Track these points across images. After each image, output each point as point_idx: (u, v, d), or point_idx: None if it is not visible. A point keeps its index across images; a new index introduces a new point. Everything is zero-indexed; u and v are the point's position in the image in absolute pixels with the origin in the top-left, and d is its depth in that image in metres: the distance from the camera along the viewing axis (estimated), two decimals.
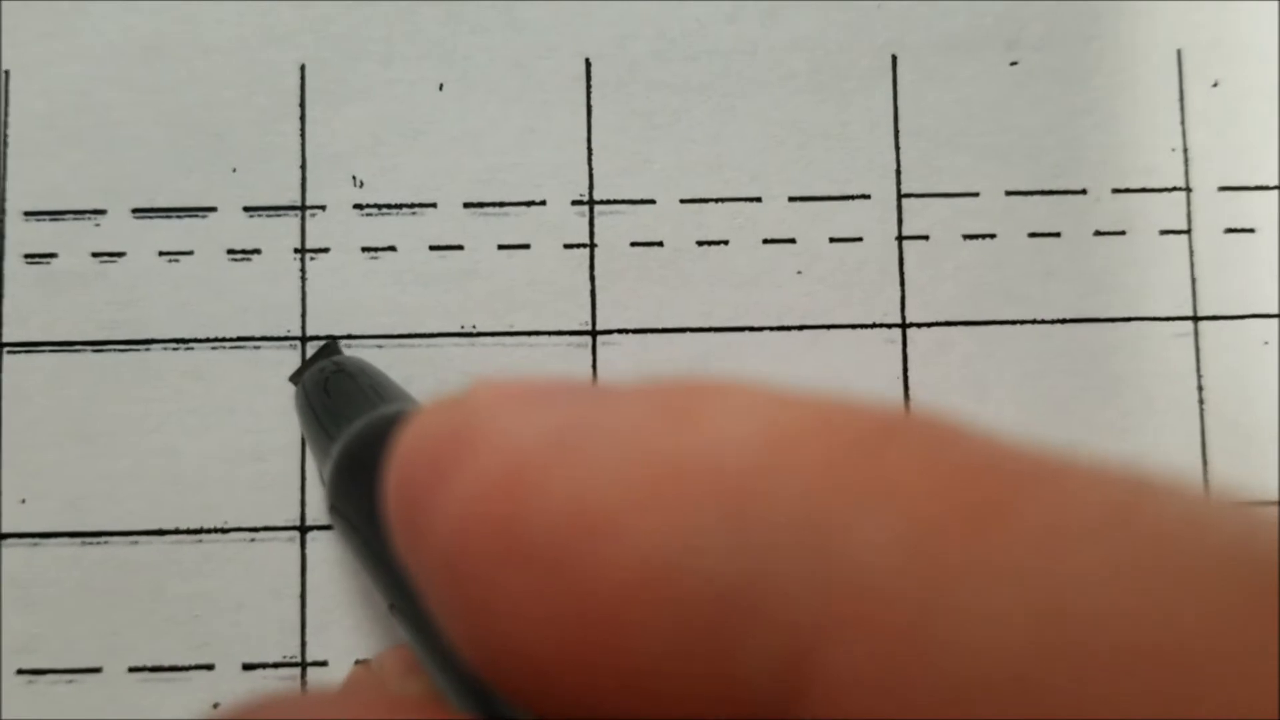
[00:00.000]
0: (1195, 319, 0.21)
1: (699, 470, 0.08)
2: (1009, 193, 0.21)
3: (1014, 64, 0.22)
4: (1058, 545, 0.07)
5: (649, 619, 0.08)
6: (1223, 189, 0.21)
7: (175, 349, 0.21)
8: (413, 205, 0.21)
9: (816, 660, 0.07)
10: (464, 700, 0.11)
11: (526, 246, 0.21)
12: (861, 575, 0.07)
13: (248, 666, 0.20)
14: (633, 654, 0.08)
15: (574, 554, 0.08)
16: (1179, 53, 0.22)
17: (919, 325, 0.21)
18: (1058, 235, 0.21)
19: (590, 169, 0.21)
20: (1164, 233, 0.21)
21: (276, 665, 0.20)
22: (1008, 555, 0.07)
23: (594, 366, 0.21)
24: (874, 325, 0.21)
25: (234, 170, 0.21)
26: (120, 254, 0.21)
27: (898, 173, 0.21)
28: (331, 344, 0.21)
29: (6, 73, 0.21)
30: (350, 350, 0.21)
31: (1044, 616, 0.06)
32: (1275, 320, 0.21)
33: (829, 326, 0.21)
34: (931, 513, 0.07)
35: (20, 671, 0.20)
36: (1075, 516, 0.07)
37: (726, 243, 0.21)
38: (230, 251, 0.21)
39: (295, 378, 0.21)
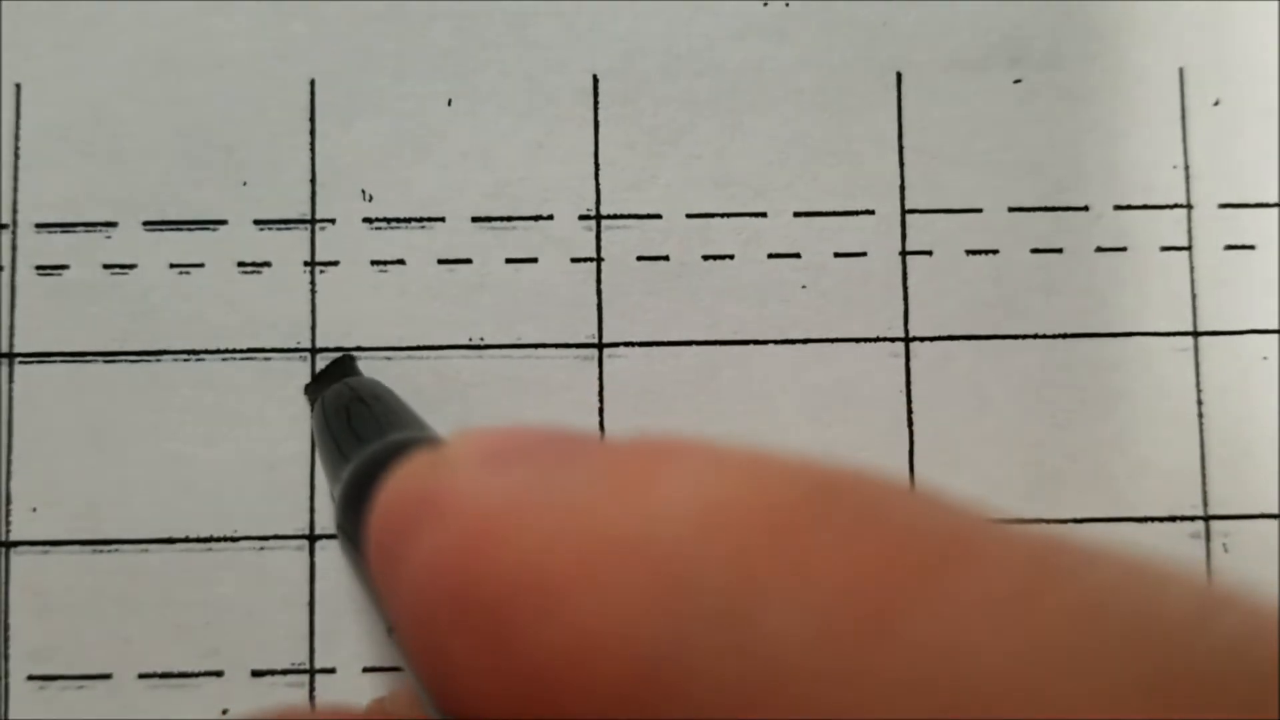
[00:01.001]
0: (1195, 334, 0.21)
1: (638, 543, 0.08)
2: (1012, 209, 0.22)
3: (1017, 82, 0.22)
4: (971, 622, 0.07)
5: (578, 689, 0.08)
6: (1223, 206, 0.22)
7: (186, 360, 0.21)
8: (422, 219, 0.21)
9: None
10: None
11: (534, 260, 0.21)
12: (777, 654, 0.07)
13: (257, 673, 0.20)
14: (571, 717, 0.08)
15: (518, 620, 0.08)
16: (1181, 71, 0.22)
17: (922, 339, 0.21)
18: (1060, 251, 0.21)
19: (597, 184, 0.21)
20: (1165, 249, 0.22)
21: (285, 672, 0.20)
22: (920, 633, 0.07)
23: (600, 379, 0.21)
24: (878, 339, 0.21)
25: (245, 183, 0.21)
26: (131, 266, 0.21)
27: (902, 189, 0.22)
28: (347, 359, 0.21)
29: (19, 85, 0.21)
30: (360, 362, 0.21)
31: (955, 698, 0.06)
32: (1274, 336, 0.21)
33: (833, 340, 0.21)
34: (848, 586, 0.07)
35: (31, 677, 0.20)
36: (989, 591, 0.07)
37: (732, 257, 0.21)
38: (241, 264, 0.21)
39: (311, 391, 0.21)
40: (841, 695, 0.07)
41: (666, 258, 0.21)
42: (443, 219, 0.21)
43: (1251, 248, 0.22)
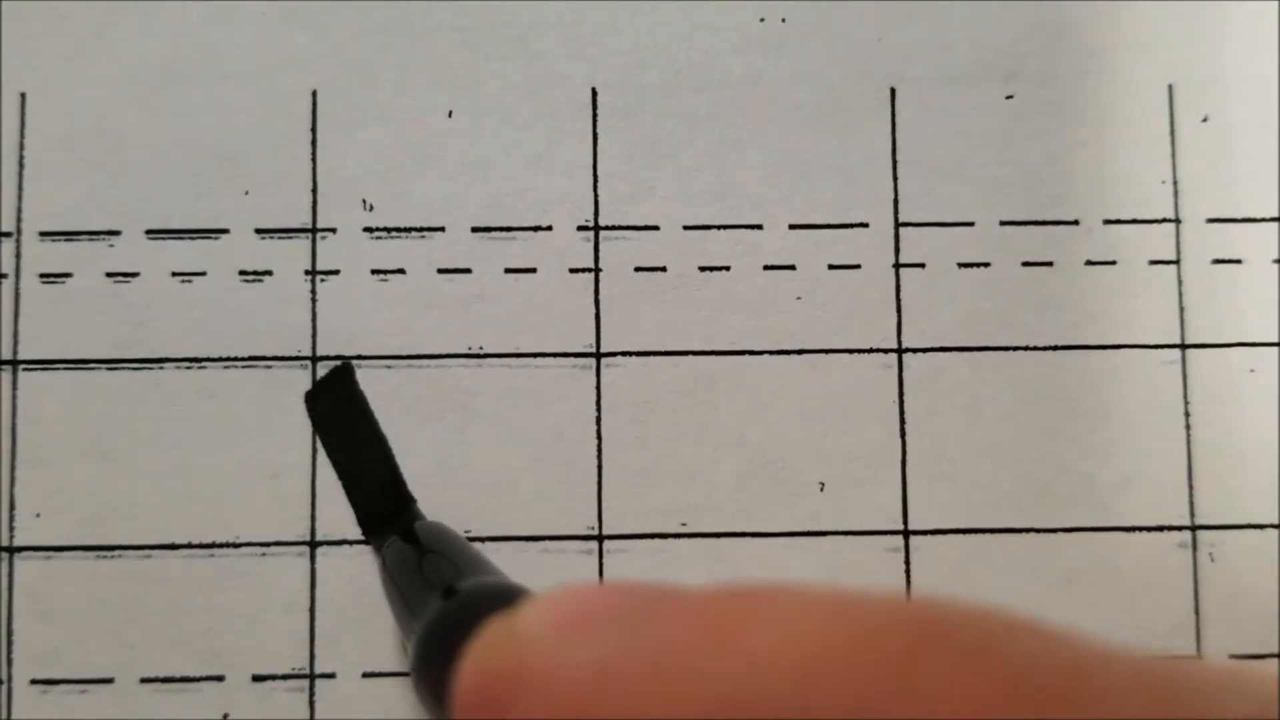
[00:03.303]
0: (1183, 347, 0.22)
1: (740, 700, 0.08)
2: (1003, 223, 0.22)
3: (1010, 98, 0.22)
4: None
5: None
6: (1211, 221, 0.22)
7: (188, 368, 0.21)
8: (422, 229, 0.22)
9: None
10: None
11: (533, 270, 0.22)
12: None
13: (258, 678, 0.21)
14: None
15: None
16: (1170, 88, 0.22)
17: (915, 350, 0.22)
18: (1050, 264, 0.22)
19: (596, 195, 0.22)
20: (1153, 263, 0.22)
21: (286, 677, 0.21)
22: None
23: (598, 388, 0.21)
24: (871, 350, 0.22)
25: (246, 193, 0.22)
26: (134, 274, 0.21)
27: (895, 202, 0.22)
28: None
29: (24, 95, 0.22)
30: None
31: None
32: (1261, 349, 0.22)
33: (827, 351, 0.22)
34: None
35: (34, 682, 0.20)
36: None
37: (728, 268, 0.22)
38: (242, 273, 0.21)
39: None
40: None
41: (664, 269, 0.22)
42: (443, 229, 0.22)
43: (1239, 262, 0.22)
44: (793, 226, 0.22)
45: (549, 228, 0.22)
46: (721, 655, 0.08)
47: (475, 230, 0.22)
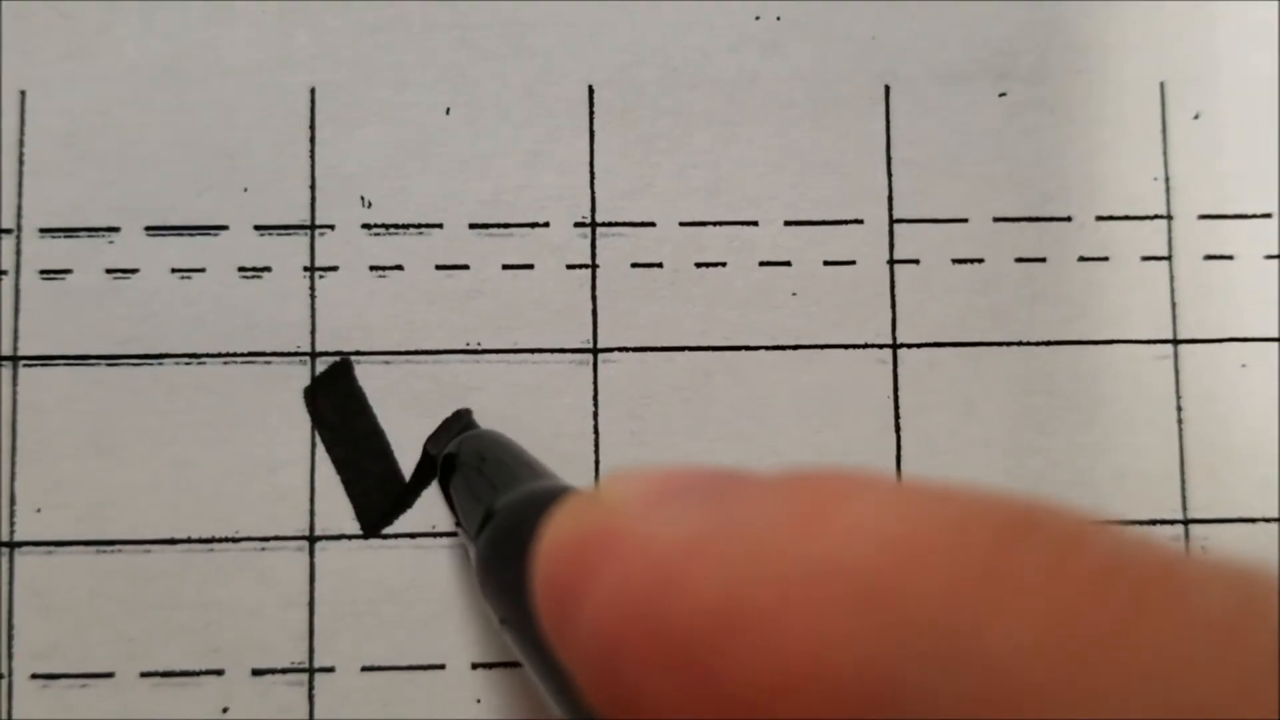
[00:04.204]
0: (1175, 342, 0.22)
1: (836, 571, 0.08)
2: (997, 219, 0.22)
3: (1003, 95, 0.22)
4: (1185, 647, 0.07)
5: (794, 710, 0.08)
6: (1203, 217, 0.22)
7: (187, 364, 0.21)
8: (420, 226, 0.22)
9: None
10: None
11: (530, 266, 0.22)
12: (996, 673, 0.07)
13: (257, 672, 0.21)
14: None
15: (716, 652, 0.08)
16: (1162, 86, 0.22)
17: (909, 346, 0.22)
18: (1043, 260, 0.22)
19: (593, 192, 0.22)
20: (1145, 259, 0.22)
21: (285, 671, 0.21)
22: (1138, 656, 0.07)
23: (595, 383, 0.22)
24: (866, 346, 0.22)
25: (246, 190, 0.22)
26: (134, 271, 0.21)
27: (890, 199, 0.22)
28: (465, 412, 0.21)
29: (24, 92, 0.22)
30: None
31: (1174, 715, 0.07)
32: (1252, 344, 0.22)
33: (822, 346, 0.22)
34: (1063, 613, 0.07)
35: (34, 676, 0.21)
36: (1199, 617, 0.07)
37: (724, 265, 0.22)
38: (241, 269, 0.22)
39: (432, 447, 0.21)
40: (1066, 711, 0.07)
41: (660, 265, 0.22)
42: (441, 226, 0.22)
43: (1230, 258, 0.22)
44: (788, 223, 0.22)
45: (546, 224, 0.22)
46: (813, 530, 0.08)
47: (473, 227, 0.22)
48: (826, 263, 0.22)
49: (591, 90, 0.22)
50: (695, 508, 0.09)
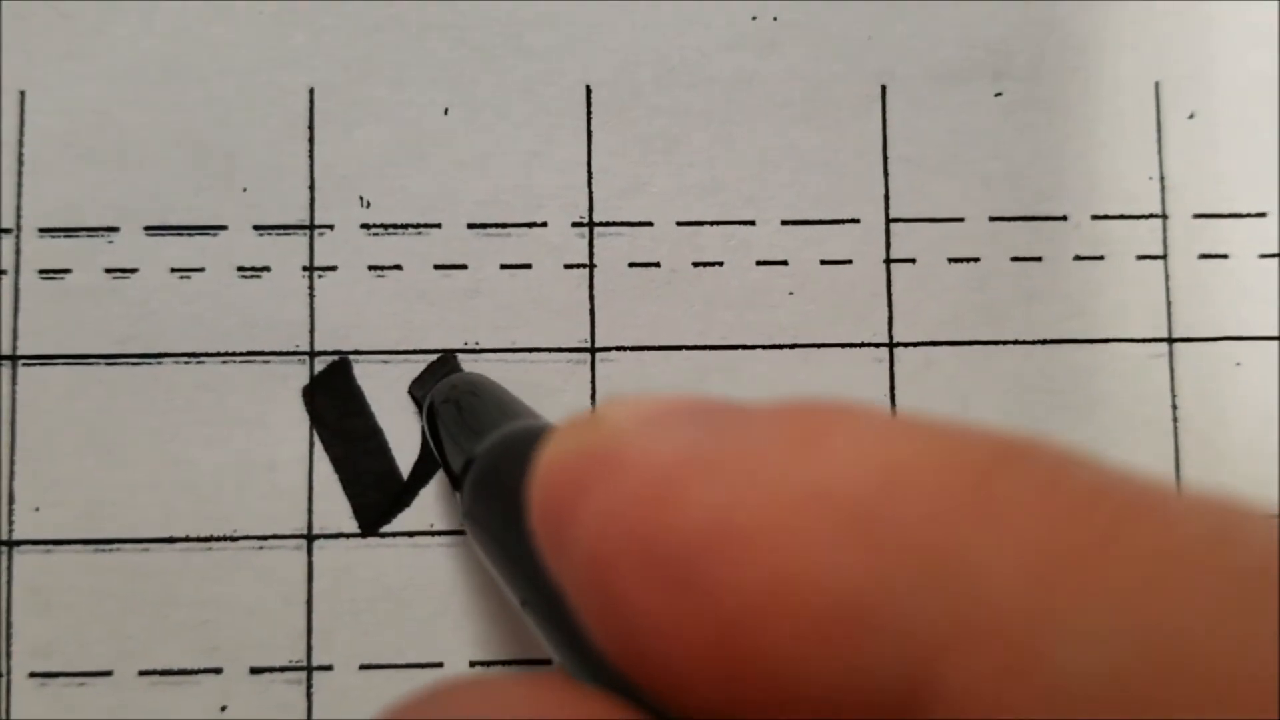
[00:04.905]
0: (1170, 341, 0.22)
1: (827, 493, 0.08)
2: (993, 218, 0.22)
3: (999, 95, 0.22)
4: (1163, 570, 0.07)
5: (781, 629, 0.08)
6: (1197, 216, 0.22)
7: (186, 363, 0.21)
8: (418, 225, 0.22)
9: (937, 671, 0.07)
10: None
11: (528, 266, 0.22)
12: (980, 594, 0.07)
13: (255, 670, 0.21)
14: (765, 662, 0.08)
15: (707, 568, 0.08)
16: (1157, 85, 0.23)
17: (905, 345, 0.22)
18: (1039, 259, 0.22)
19: (590, 192, 0.22)
20: (1141, 258, 0.22)
21: (283, 669, 0.21)
22: (1117, 579, 0.07)
23: (593, 383, 0.22)
24: (862, 344, 0.22)
25: (245, 190, 0.22)
26: (133, 270, 0.22)
27: (886, 198, 0.22)
28: (449, 356, 0.21)
29: (23, 92, 0.22)
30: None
31: (1150, 637, 0.07)
32: (1247, 342, 0.22)
33: (819, 345, 0.22)
34: (1046, 537, 0.07)
35: (33, 674, 0.21)
36: (1179, 543, 0.07)
37: (721, 264, 0.22)
38: (240, 269, 0.22)
39: (416, 390, 0.21)
40: (1046, 632, 0.07)
41: (658, 264, 0.22)
42: (439, 225, 0.22)
43: (1225, 257, 0.22)
44: (785, 222, 0.22)
45: (544, 224, 0.22)
46: (805, 454, 0.09)
47: (471, 226, 0.22)
48: (823, 262, 0.22)
49: (589, 90, 0.22)
50: (690, 428, 0.09)
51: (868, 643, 0.08)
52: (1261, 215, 0.22)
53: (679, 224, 0.22)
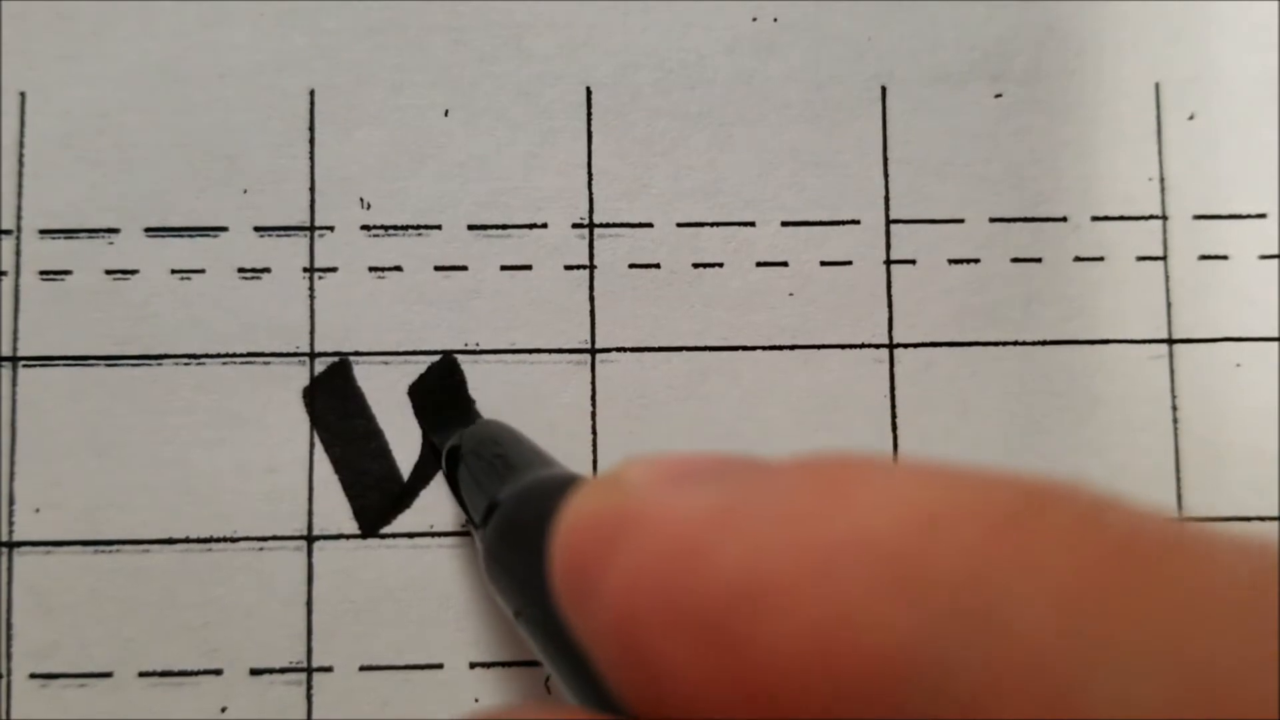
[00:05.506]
0: (1170, 342, 0.22)
1: (857, 547, 0.08)
2: (993, 219, 0.22)
3: (999, 96, 0.22)
4: (1203, 609, 0.07)
5: (813, 688, 0.08)
6: (1197, 217, 0.22)
7: (187, 364, 0.21)
8: (418, 227, 0.22)
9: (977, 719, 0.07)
10: None
11: (528, 267, 0.22)
12: (1017, 645, 0.07)
13: (255, 672, 0.21)
14: (803, 718, 0.08)
15: (740, 626, 0.08)
16: (1157, 87, 0.23)
17: (905, 346, 0.22)
18: (1039, 261, 0.22)
19: (590, 193, 0.22)
20: (1141, 259, 0.22)
21: (283, 670, 0.21)
22: (1157, 618, 0.07)
23: (593, 383, 0.22)
24: (862, 345, 0.22)
25: (245, 191, 0.22)
26: (133, 272, 0.22)
27: (886, 199, 0.22)
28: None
29: (24, 94, 0.22)
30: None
31: (1193, 676, 0.07)
32: (1247, 343, 0.22)
33: (819, 346, 0.22)
34: (1082, 585, 0.07)
35: (33, 676, 0.21)
36: (1218, 581, 0.07)
37: (721, 265, 0.22)
38: (241, 270, 0.22)
39: (440, 440, 0.21)
40: (1089, 675, 0.07)
41: (658, 265, 0.22)
42: (439, 227, 0.22)
43: (1225, 258, 0.22)
44: (785, 224, 0.22)
45: (544, 225, 0.22)
46: (836, 504, 0.08)
47: (471, 228, 0.22)
48: (823, 263, 0.22)
49: (589, 92, 0.22)
50: (715, 485, 0.09)
51: (912, 697, 0.08)
52: (1261, 216, 0.22)
53: (679, 225, 0.22)
